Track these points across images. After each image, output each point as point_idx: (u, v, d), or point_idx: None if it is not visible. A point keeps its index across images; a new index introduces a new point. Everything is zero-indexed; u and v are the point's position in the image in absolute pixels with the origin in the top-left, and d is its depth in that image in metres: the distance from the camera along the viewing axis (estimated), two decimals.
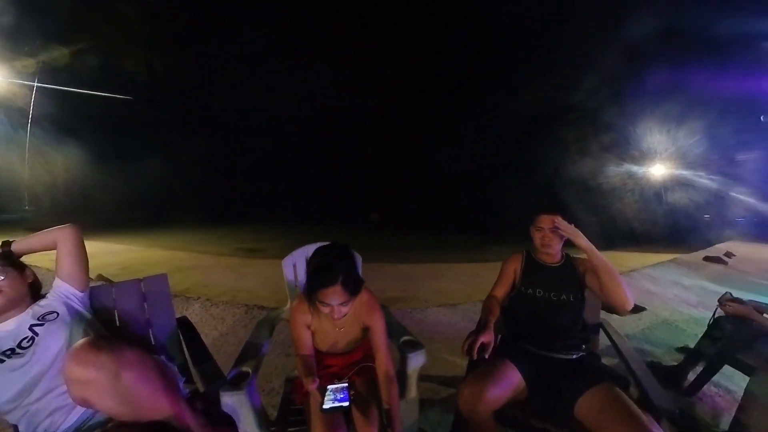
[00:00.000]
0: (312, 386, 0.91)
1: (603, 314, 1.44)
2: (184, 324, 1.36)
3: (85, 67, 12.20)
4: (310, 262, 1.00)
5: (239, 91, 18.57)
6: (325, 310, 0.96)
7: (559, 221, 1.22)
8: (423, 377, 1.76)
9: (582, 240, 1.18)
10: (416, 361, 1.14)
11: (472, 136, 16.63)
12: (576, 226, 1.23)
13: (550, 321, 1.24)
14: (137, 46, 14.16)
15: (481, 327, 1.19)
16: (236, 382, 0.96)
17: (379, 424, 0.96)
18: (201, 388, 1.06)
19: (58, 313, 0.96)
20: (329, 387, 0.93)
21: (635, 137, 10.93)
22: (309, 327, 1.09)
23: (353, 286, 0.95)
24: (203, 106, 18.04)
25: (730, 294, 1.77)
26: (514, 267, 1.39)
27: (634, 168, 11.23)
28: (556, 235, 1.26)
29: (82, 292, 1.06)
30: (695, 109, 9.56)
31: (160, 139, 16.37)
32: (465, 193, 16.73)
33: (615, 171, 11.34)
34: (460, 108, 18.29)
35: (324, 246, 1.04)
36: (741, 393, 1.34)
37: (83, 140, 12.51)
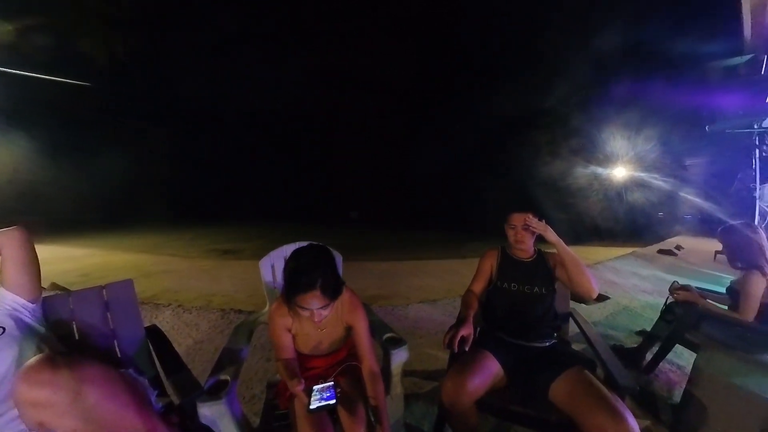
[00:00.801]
0: (298, 388, 0.90)
1: (572, 304, 1.53)
2: (154, 333, 1.28)
3: (35, 47, 10.68)
4: (287, 267, 0.96)
5: (212, 79, 16.94)
6: (305, 314, 0.94)
7: (530, 219, 1.29)
8: (407, 372, 1.78)
9: (551, 235, 1.26)
10: (399, 357, 1.15)
11: (450, 137, 17.04)
12: (546, 223, 1.31)
13: (525, 312, 1.30)
14: (96, 24, 12.47)
15: (460, 321, 1.23)
16: (214, 392, 0.92)
17: (365, 422, 0.96)
18: (176, 400, 1.00)
19: (4, 329, 0.87)
20: (315, 387, 0.92)
21: (600, 142, 12.06)
22: (290, 330, 1.07)
23: (333, 290, 0.94)
24: (172, 94, 16.18)
25: (678, 282, 1.99)
26: (491, 263, 1.45)
27: (599, 170, 12.37)
28: (527, 232, 1.33)
29: (32, 303, 0.96)
30: (651, 118, 10.89)
31: (124, 130, 14.71)
32: (443, 192, 17.07)
33: (582, 172, 12.43)
34: (439, 109, 18.59)
35: (300, 248, 1.00)
36: (690, 368, 1.50)
37: (33, 130, 11.06)
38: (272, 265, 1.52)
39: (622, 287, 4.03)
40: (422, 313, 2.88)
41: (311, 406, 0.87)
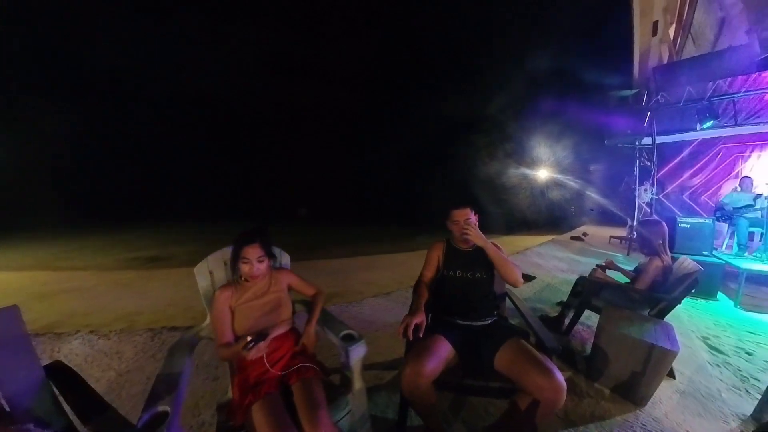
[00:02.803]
0: (243, 344, 1.03)
1: (507, 285, 1.74)
2: (58, 371, 1.02)
3: None
4: (234, 242, 1.22)
5: (133, 45, 12.89)
6: (246, 268, 1.18)
7: (469, 223, 1.44)
8: (367, 366, 1.80)
9: (480, 241, 1.38)
10: (357, 353, 1.16)
11: (399, 136, 17.65)
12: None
13: (469, 296, 1.44)
14: None
15: (413, 310, 1.30)
16: (151, 428, 0.79)
17: (327, 423, 0.94)
18: None
19: None
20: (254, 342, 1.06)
21: (529, 147, 14.78)
22: (231, 308, 1.18)
23: (268, 246, 1.24)
24: (76, 59, 11.70)
25: (607, 260, 2.57)
26: (437, 254, 1.55)
27: (527, 171, 14.95)
28: (469, 225, 1.46)
29: None
30: (567, 131, 13.96)
31: (3, 105, 10.66)
32: (392, 188, 17.49)
33: (514, 173, 14.90)
34: (387, 109, 18.99)
35: None
36: (595, 326, 1.86)
37: None
38: (210, 272, 1.36)
39: (545, 268, 4.70)
40: (377, 307, 2.93)
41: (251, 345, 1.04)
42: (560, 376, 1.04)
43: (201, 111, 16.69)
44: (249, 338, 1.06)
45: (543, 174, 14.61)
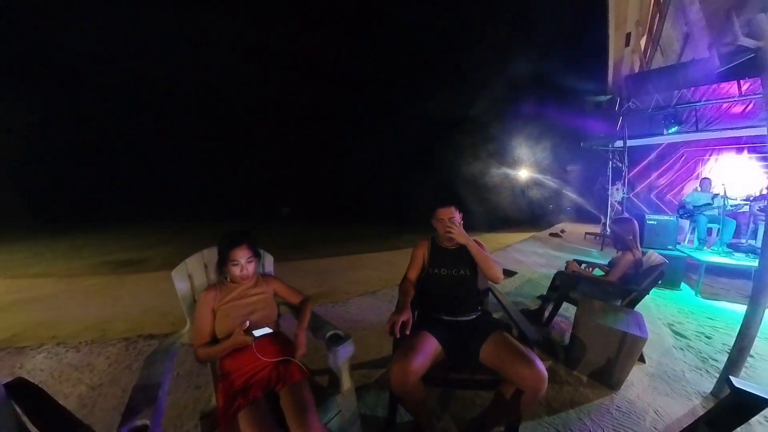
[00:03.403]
0: (239, 335, 1.07)
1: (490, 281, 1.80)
2: (21, 389, 0.92)
3: None
4: (219, 244, 1.23)
5: (107, 27, 11.82)
6: (236, 270, 1.19)
7: (453, 222, 1.46)
8: (356, 365, 1.81)
9: (463, 239, 1.41)
10: (345, 353, 1.15)
11: (384, 137, 17.77)
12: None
13: (454, 292, 1.47)
14: None
15: (399, 308, 1.31)
16: None
17: (317, 426, 0.93)
18: None
19: None
20: (252, 330, 1.09)
21: (510, 148, 15.65)
22: (213, 310, 1.17)
23: (255, 247, 1.26)
24: (41, 41, 10.49)
25: (573, 260, 2.70)
26: (423, 252, 1.57)
27: (509, 171, 15.81)
28: (453, 224, 1.49)
29: None
30: (546, 133, 14.83)
31: None
32: (377, 187, 17.50)
33: (496, 172, 15.74)
34: (374, 109, 19.03)
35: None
36: (573, 318, 1.95)
37: None
38: (190, 275, 1.31)
39: (526, 264, 4.87)
40: (364, 306, 2.93)
41: (256, 337, 1.09)
42: (542, 366, 1.09)
43: (182, 108, 15.95)
44: (248, 323, 1.09)
45: (523, 174, 15.36)
